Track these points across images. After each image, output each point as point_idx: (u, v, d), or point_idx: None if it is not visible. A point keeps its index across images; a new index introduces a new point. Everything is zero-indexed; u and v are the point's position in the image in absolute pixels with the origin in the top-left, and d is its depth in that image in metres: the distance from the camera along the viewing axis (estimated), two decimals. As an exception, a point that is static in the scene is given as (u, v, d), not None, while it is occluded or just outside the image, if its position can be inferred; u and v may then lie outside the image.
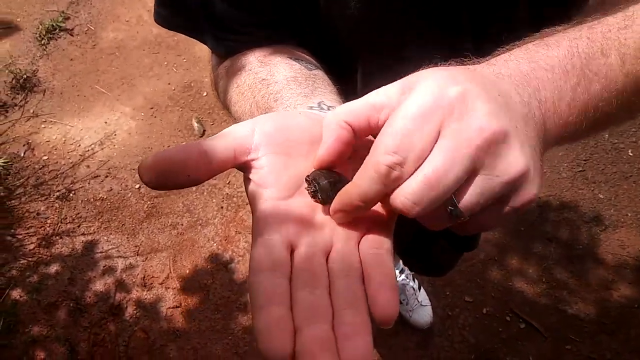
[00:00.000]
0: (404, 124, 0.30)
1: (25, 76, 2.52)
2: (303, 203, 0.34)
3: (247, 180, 0.35)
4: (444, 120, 0.29)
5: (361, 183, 0.31)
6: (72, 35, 2.71)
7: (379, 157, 0.30)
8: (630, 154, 2.14)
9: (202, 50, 2.52)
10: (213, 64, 0.63)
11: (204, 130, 2.29)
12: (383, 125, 0.31)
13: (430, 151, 0.29)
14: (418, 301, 1.71)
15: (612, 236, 1.91)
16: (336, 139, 0.33)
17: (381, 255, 0.32)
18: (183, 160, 0.31)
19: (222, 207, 2.06)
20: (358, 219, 0.34)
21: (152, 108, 2.38)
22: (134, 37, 2.66)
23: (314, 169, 0.34)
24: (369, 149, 0.31)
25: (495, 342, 1.70)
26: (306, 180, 0.34)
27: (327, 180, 0.33)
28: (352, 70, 0.60)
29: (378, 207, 0.35)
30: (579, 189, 2.04)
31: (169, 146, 2.25)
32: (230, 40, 0.56)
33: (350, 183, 0.32)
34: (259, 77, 0.51)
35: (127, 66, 2.56)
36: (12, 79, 2.50)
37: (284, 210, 0.33)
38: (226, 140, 0.33)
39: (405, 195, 0.30)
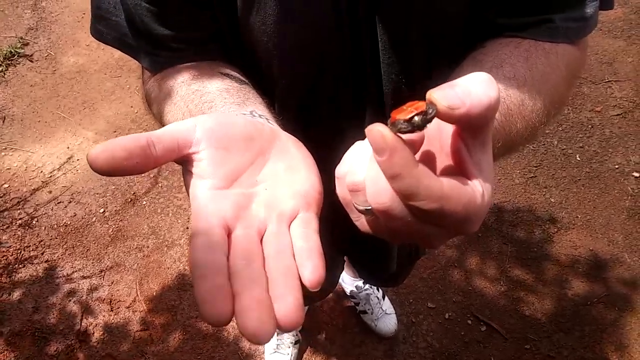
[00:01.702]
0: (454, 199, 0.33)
1: (-17, 104, 2.49)
2: (240, 193, 0.37)
3: (187, 172, 0.38)
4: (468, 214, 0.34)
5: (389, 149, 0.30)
6: (31, 61, 2.70)
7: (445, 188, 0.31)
8: (578, 159, 2.25)
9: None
10: (144, 79, 0.66)
11: (168, 152, 2.31)
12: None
13: None
14: (382, 310, 1.76)
15: (565, 238, 2.01)
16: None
17: (309, 233, 0.36)
18: (132, 148, 0.33)
19: (187, 228, 2.07)
20: (290, 204, 0.38)
21: (115, 132, 2.39)
22: (94, 61, 2.67)
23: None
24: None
25: (458, 346, 1.76)
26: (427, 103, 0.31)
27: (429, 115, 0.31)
28: (272, 94, 0.64)
29: (306, 195, 0.39)
30: (532, 194, 2.14)
31: (132, 169, 2.26)
32: (161, 56, 0.59)
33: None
34: (191, 89, 0.54)
35: (88, 90, 2.56)
36: (-30, 107, 2.47)
37: (221, 198, 0.36)
38: (171, 133, 0.36)
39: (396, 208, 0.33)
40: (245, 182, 0.38)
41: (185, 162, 0.37)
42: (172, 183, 2.21)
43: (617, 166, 2.22)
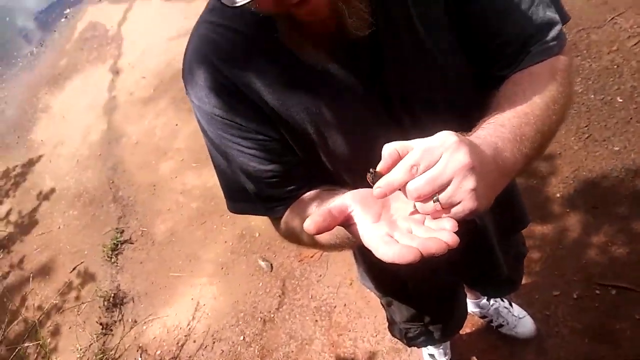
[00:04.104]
0: (423, 150, 0.55)
1: (112, 294, 2.91)
2: (387, 221, 0.60)
3: (350, 225, 0.60)
4: (443, 152, 0.55)
5: (394, 172, 0.55)
6: (132, 243, 3.14)
7: (407, 161, 0.55)
8: (620, 101, 2.33)
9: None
10: (274, 224, 0.92)
11: (272, 265, 2.60)
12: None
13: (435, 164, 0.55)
14: (515, 316, 1.87)
15: (646, 176, 2.07)
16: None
17: (438, 221, 0.58)
18: (325, 215, 0.57)
19: (316, 321, 2.30)
20: (418, 216, 0.59)
21: (222, 269, 2.71)
22: (180, 220, 3.07)
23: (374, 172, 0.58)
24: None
25: (598, 317, 1.82)
26: (372, 173, 0.59)
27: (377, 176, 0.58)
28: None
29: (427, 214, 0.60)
30: (595, 152, 2.22)
31: (250, 292, 2.55)
32: (282, 206, 0.85)
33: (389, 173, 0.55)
34: (315, 202, 0.78)
35: (186, 245, 2.94)
36: (104, 302, 2.89)
37: (378, 225, 0.59)
38: (335, 205, 0.60)
39: (415, 184, 0.55)
40: (385, 217, 0.61)
41: (347, 220, 0.61)
42: (287, 288, 2.48)
43: (660, 90, 2.29)
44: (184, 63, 0.79)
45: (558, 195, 2.18)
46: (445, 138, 0.55)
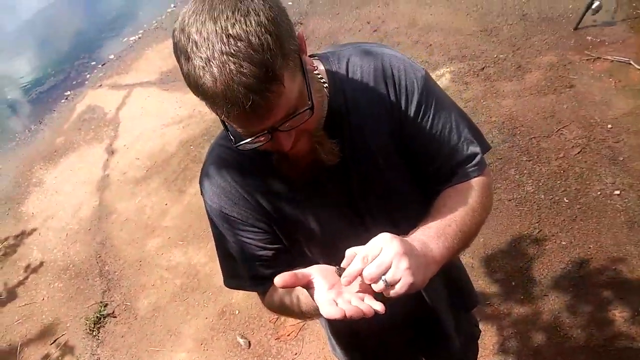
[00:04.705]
0: (369, 247, 0.79)
1: (91, 368, 2.97)
2: (336, 291, 0.81)
3: (310, 289, 0.81)
4: (383, 245, 0.78)
5: (352, 264, 0.79)
6: (115, 317, 3.23)
7: (360, 254, 0.79)
8: (566, 201, 2.66)
9: (219, 279, 3.05)
10: (260, 297, 1.14)
11: (250, 342, 2.73)
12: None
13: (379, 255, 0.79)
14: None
15: (588, 269, 2.34)
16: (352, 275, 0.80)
17: (369, 301, 0.80)
18: (293, 276, 0.77)
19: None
20: (360, 294, 0.81)
21: (201, 344, 2.83)
22: (163, 295, 3.20)
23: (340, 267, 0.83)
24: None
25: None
26: (338, 268, 0.83)
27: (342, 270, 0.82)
28: None
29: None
30: (544, 246, 2.51)
31: (228, 368, 2.66)
32: (268, 283, 1.06)
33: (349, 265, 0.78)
34: None
35: (168, 320, 3.05)
36: (81, 375, 2.94)
37: (330, 292, 0.80)
38: (301, 272, 0.81)
39: (367, 270, 0.77)
40: (336, 287, 0.83)
41: (308, 285, 0.83)
42: (263, 365, 2.60)
43: (599, 193, 2.63)
44: (202, 174, 1.06)
45: (513, 283, 2.42)
46: (383, 236, 0.80)
